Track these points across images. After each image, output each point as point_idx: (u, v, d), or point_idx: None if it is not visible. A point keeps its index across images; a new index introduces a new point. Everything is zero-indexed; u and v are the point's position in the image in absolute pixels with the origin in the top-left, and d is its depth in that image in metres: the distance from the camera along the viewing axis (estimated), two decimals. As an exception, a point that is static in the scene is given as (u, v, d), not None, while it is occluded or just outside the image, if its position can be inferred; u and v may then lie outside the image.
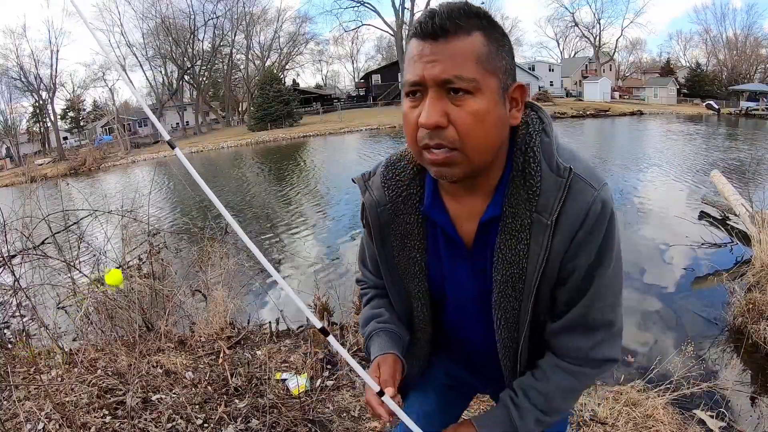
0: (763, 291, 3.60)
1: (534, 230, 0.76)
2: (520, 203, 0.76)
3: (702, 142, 16.88)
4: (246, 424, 2.25)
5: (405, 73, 0.73)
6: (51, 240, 3.79)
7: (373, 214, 0.88)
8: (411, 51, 0.71)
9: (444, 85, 0.68)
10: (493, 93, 0.70)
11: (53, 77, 39.63)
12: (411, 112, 0.72)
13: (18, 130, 41.70)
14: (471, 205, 0.81)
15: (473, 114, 0.69)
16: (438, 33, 0.68)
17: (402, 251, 0.88)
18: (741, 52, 44.20)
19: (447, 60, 0.68)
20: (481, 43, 0.69)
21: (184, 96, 45.77)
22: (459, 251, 0.85)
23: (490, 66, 0.70)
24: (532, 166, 0.75)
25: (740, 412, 2.64)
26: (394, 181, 0.86)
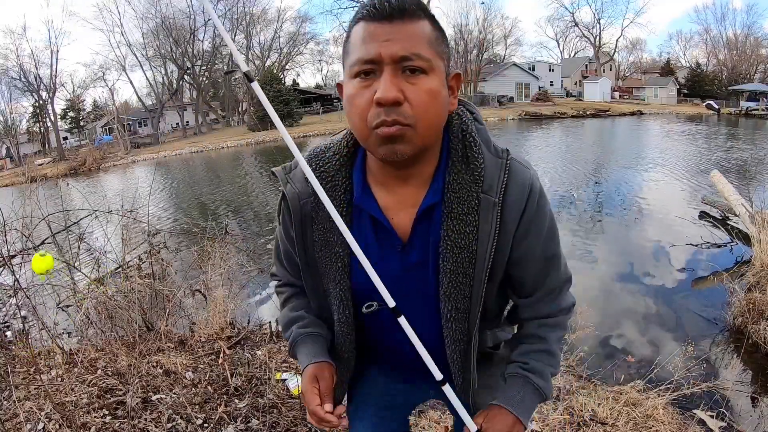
0: (763, 291, 3.60)
1: (482, 210, 0.77)
2: (464, 186, 0.78)
3: (702, 142, 16.88)
4: (246, 424, 2.25)
5: (353, 55, 0.72)
6: (51, 240, 3.79)
7: (294, 206, 0.85)
8: (361, 32, 0.71)
9: (400, 63, 0.69)
10: (441, 75, 0.73)
11: (53, 77, 39.64)
12: (361, 92, 0.71)
13: (18, 130, 41.70)
14: (404, 196, 0.81)
15: (427, 92, 0.70)
16: (395, 14, 0.69)
17: (324, 247, 0.85)
18: (741, 52, 44.20)
19: (404, 39, 0.69)
20: (429, 28, 0.72)
21: (184, 96, 45.76)
22: (392, 245, 0.82)
23: (439, 49, 0.73)
24: (474, 149, 0.78)
25: (740, 412, 2.64)
26: (318, 172, 0.83)
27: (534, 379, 0.87)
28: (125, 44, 43.00)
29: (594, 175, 11.35)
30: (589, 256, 5.80)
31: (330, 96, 52.31)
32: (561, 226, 7.21)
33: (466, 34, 42.92)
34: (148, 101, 45.93)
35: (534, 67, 45.71)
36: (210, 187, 15.04)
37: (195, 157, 28.36)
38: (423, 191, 0.80)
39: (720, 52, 46.11)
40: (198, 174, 19.89)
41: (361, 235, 0.83)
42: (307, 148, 0.92)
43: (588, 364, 3.05)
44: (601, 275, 5.19)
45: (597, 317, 3.90)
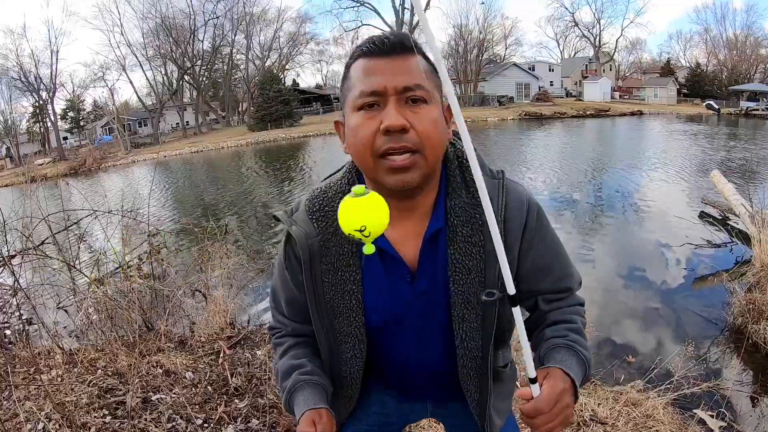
0: (763, 291, 3.60)
1: (486, 230, 0.79)
2: (466, 209, 0.82)
3: (702, 142, 16.88)
4: (246, 424, 2.26)
5: (356, 89, 0.75)
6: (51, 240, 3.79)
7: (302, 246, 0.85)
8: (362, 68, 0.76)
9: (404, 93, 0.74)
10: (439, 105, 0.78)
11: (53, 77, 39.63)
12: (367, 123, 0.74)
13: (18, 130, 41.69)
14: (408, 227, 0.84)
15: (430, 119, 0.75)
16: (394, 50, 0.74)
17: (335, 285, 0.86)
18: (741, 52, 44.20)
19: (406, 72, 0.74)
20: (425, 63, 0.77)
21: (184, 96, 45.74)
22: (402, 275, 0.85)
23: (434, 82, 0.77)
24: (471, 175, 0.81)
25: (740, 412, 2.64)
26: (323, 212, 0.85)
27: (579, 349, 0.84)
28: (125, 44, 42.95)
29: (594, 175, 11.35)
30: (590, 255, 5.80)
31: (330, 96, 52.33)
32: (561, 226, 7.23)
33: (466, 34, 42.91)
34: (148, 101, 45.95)
35: (534, 67, 45.70)
36: (210, 187, 15.04)
37: (195, 157, 28.36)
38: (426, 221, 0.83)
39: (720, 52, 46.12)
40: (198, 174, 19.89)
41: (371, 268, 0.85)
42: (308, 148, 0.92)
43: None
44: (601, 275, 5.19)
45: (597, 317, 3.90)
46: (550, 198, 9.25)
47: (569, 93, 46.16)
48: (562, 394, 0.73)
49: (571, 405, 0.74)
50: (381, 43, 0.75)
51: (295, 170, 16.89)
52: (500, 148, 18.31)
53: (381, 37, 0.76)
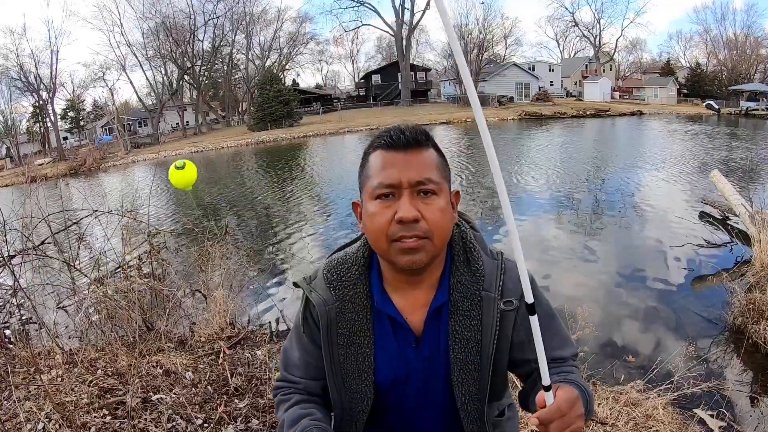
0: (763, 291, 3.60)
1: (484, 306, 0.90)
2: (467, 286, 0.91)
3: (702, 142, 16.88)
4: (246, 424, 2.26)
5: (375, 179, 0.84)
6: (51, 240, 3.79)
7: (321, 312, 0.93)
8: (380, 160, 0.85)
9: (417, 186, 0.83)
10: (447, 195, 0.87)
11: (53, 77, 39.59)
12: (383, 211, 0.83)
13: (18, 130, 41.67)
14: (416, 298, 0.92)
15: (439, 210, 0.84)
16: (410, 145, 0.84)
17: (349, 348, 0.94)
18: (741, 52, 44.17)
19: (419, 166, 0.83)
20: (435, 156, 0.87)
21: (184, 96, 45.71)
22: (409, 341, 0.93)
23: (444, 174, 0.87)
24: (474, 254, 0.92)
25: (740, 412, 2.65)
26: (340, 282, 0.94)
27: (581, 383, 0.89)
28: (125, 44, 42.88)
29: (594, 176, 11.35)
30: (590, 255, 5.80)
31: (330, 96, 52.34)
32: (562, 226, 7.23)
33: (466, 34, 42.87)
34: (148, 101, 45.91)
35: (534, 67, 45.69)
36: (210, 187, 15.03)
37: (195, 157, 28.31)
38: (432, 293, 0.92)
39: (720, 52, 46.08)
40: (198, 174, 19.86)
41: (382, 333, 0.94)
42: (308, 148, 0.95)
43: (588, 364, 3.05)
44: (601, 275, 5.19)
45: (597, 317, 3.90)
46: (551, 198, 9.26)
47: (569, 93, 46.16)
48: (576, 401, 0.75)
49: (583, 415, 0.75)
50: (398, 138, 0.83)
51: (295, 170, 16.89)
52: (501, 148, 18.31)
53: (398, 131, 0.84)
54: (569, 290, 4.77)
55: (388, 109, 40.91)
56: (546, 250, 6.13)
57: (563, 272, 5.32)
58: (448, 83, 46.38)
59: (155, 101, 44.25)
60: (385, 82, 48.19)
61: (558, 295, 4.63)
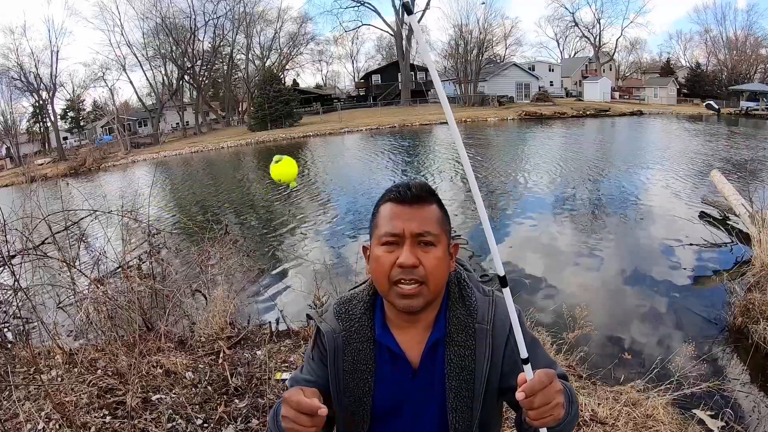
0: (763, 291, 3.60)
1: (478, 337, 1.00)
2: (462, 320, 1.01)
3: (702, 142, 16.88)
4: (246, 424, 2.26)
5: (382, 227, 0.96)
6: (51, 240, 3.79)
7: (329, 339, 1.05)
8: (389, 212, 0.97)
9: (417, 237, 0.94)
10: (445, 247, 0.97)
11: (53, 77, 39.57)
12: (387, 255, 0.94)
13: (18, 130, 41.64)
14: (414, 335, 1.02)
15: (436, 259, 0.94)
16: (415, 200, 0.96)
17: (353, 374, 1.04)
18: (741, 52, 44.16)
19: (420, 220, 0.95)
20: (438, 211, 0.98)
21: (184, 96, 45.69)
22: (407, 372, 1.03)
23: (444, 228, 0.98)
24: (467, 291, 1.03)
25: (740, 412, 2.64)
26: (347, 315, 1.06)
27: (566, 383, 0.95)
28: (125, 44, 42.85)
29: (595, 175, 11.35)
30: (590, 255, 5.80)
31: (330, 96, 52.32)
32: (561, 226, 7.22)
33: (467, 34, 42.88)
34: (148, 101, 45.89)
35: (534, 67, 45.67)
36: (210, 187, 15.03)
37: (195, 157, 28.35)
38: (428, 332, 1.02)
39: (720, 52, 46.07)
40: (198, 174, 19.88)
41: (382, 363, 1.04)
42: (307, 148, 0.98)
43: (588, 364, 3.05)
44: (601, 275, 5.19)
45: (597, 317, 3.90)
46: (551, 198, 9.26)
47: (569, 93, 46.15)
48: (553, 376, 0.81)
49: (562, 391, 0.82)
50: (405, 194, 0.96)
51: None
52: (501, 148, 18.31)
53: (406, 187, 0.97)
54: (569, 290, 4.77)
55: (388, 109, 40.88)
56: (546, 249, 6.13)
57: (563, 272, 5.32)
58: (448, 83, 46.37)
59: (155, 101, 44.22)
60: (385, 82, 48.17)
61: (558, 294, 4.63)
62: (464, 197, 9.48)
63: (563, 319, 3.31)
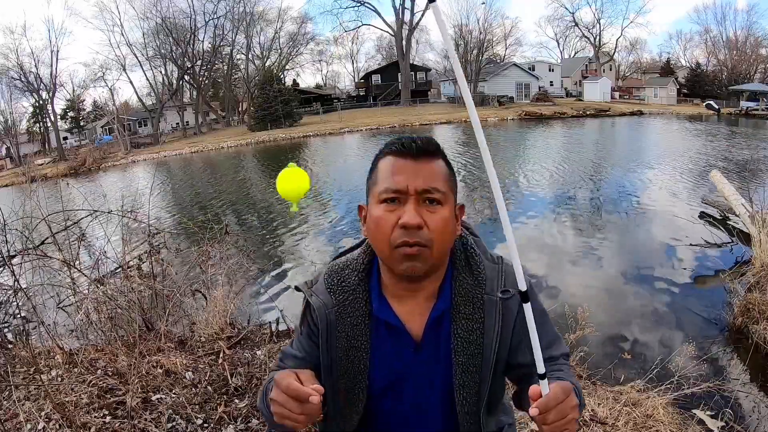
0: (763, 291, 3.60)
1: (487, 308, 0.92)
2: (469, 290, 0.93)
3: (702, 142, 16.88)
4: (246, 424, 2.26)
5: (382, 183, 0.86)
6: (51, 240, 3.79)
7: (321, 315, 0.95)
8: (389, 166, 0.86)
9: (423, 195, 0.84)
10: (452, 207, 0.89)
11: (53, 77, 39.58)
12: (387, 216, 0.85)
13: (18, 130, 41.64)
14: (415, 306, 0.94)
15: (443, 219, 0.85)
16: (421, 153, 0.86)
17: (347, 351, 0.95)
18: (741, 52, 44.16)
19: (427, 175, 0.85)
20: (445, 167, 0.89)
21: (184, 96, 45.69)
22: (407, 344, 0.94)
23: (451, 186, 0.89)
24: (475, 260, 0.94)
25: (740, 412, 2.64)
26: (340, 287, 0.96)
27: (572, 381, 0.88)
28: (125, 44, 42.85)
29: (595, 175, 11.35)
30: (590, 255, 5.80)
31: (330, 96, 52.29)
32: (561, 226, 7.23)
33: (467, 34, 42.88)
34: (148, 101, 45.88)
35: (534, 67, 45.66)
36: (210, 187, 15.03)
37: (195, 157, 28.35)
38: (431, 302, 0.93)
39: (720, 52, 46.07)
40: (198, 174, 19.88)
41: (378, 339, 0.95)
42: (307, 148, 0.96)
43: (588, 364, 3.05)
44: (601, 275, 5.19)
45: (597, 317, 3.90)
46: (552, 198, 9.26)
47: (569, 93, 46.14)
48: (570, 391, 0.75)
49: (578, 406, 0.76)
50: (409, 146, 0.85)
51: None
52: (501, 148, 18.31)
53: (410, 139, 0.86)
54: (569, 289, 4.76)
55: (388, 109, 40.87)
56: (546, 249, 6.13)
57: (563, 271, 5.32)
58: (448, 83, 46.38)
59: (155, 101, 44.22)
60: (385, 82, 48.16)
61: (558, 294, 4.63)
62: (466, 197, 9.48)
63: (564, 320, 3.30)
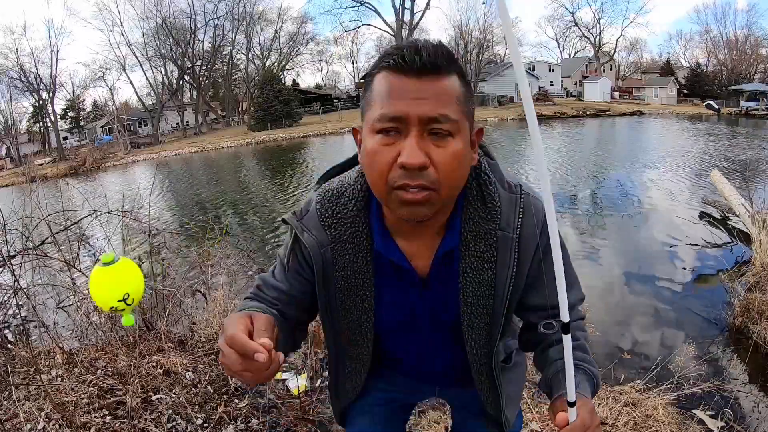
0: (763, 291, 3.60)
1: (500, 246, 0.80)
2: (481, 225, 0.80)
3: (702, 142, 16.88)
4: (246, 424, 2.26)
5: (377, 108, 0.68)
6: (51, 240, 3.79)
7: (315, 254, 0.83)
8: (386, 85, 0.68)
9: (428, 125, 0.67)
10: (467, 135, 0.72)
11: (53, 77, 39.61)
12: (383, 150, 0.68)
13: (18, 130, 41.65)
14: (421, 242, 0.82)
15: (453, 155, 0.69)
16: (427, 70, 0.66)
17: (348, 290, 0.85)
18: (741, 52, 44.18)
19: (434, 98, 0.66)
20: (459, 84, 0.70)
21: (184, 96, 45.71)
22: (413, 282, 0.85)
23: (466, 108, 0.71)
24: (489, 189, 0.79)
25: (740, 412, 2.64)
26: (335, 219, 0.82)
27: (588, 367, 0.85)
28: (125, 44, 42.91)
29: (594, 175, 11.35)
30: (589, 255, 5.80)
31: (330, 96, 52.28)
32: (562, 225, 7.22)
33: (467, 34, 42.88)
34: (148, 101, 45.89)
35: (534, 67, 45.68)
36: (210, 187, 15.03)
37: (195, 157, 28.35)
38: (439, 237, 0.82)
39: (720, 52, 46.10)
40: (198, 174, 19.88)
41: (383, 277, 0.85)
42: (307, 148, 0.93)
43: (588, 364, 3.05)
44: (601, 275, 5.18)
45: (597, 317, 3.90)
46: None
47: (569, 93, 46.17)
48: (594, 414, 0.74)
49: (600, 423, 0.76)
50: (411, 60, 0.66)
51: (296, 170, 16.89)
52: (501, 147, 18.30)
53: (412, 49, 0.66)
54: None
55: (388, 109, 40.81)
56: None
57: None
58: (448, 83, 46.32)
59: (155, 101, 44.23)
60: (385, 82, 48.08)
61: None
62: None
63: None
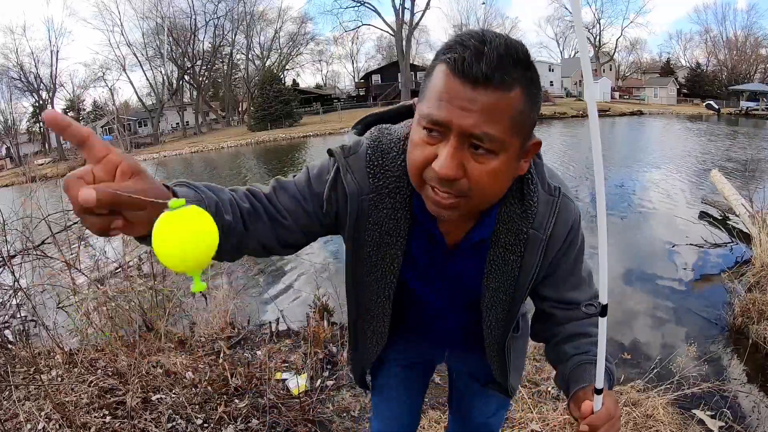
0: (763, 291, 3.60)
1: (530, 245, 0.82)
2: (515, 220, 0.81)
3: (702, 142, 16.88)
4: (246, 424, 2.26)
5: (428, 103, 0.66)
6: (51, 240, 3.79)
7: (352, 201, 0.80)
8: (441, 83, 0.64)
9: (469, 138, 0.64)
10: (515, 152, 0.69)
11: (53, 77, 39.65)
12: (424, 146, 0.68)
13: (18, 130, 41.66)
14: (453, 224, 0.83)
15: (490, 173, 0.67)
16: (482, 81, 0.62)
17: (379, 247, 0.84)
18: (741, 52, 44.19)
19: (482, 113, 0.63)
20: (519, 101, 0.65)
21: (184, 96, 45.74)
22: (442, 255, 0.87)
23: (520, 126, 0.67)
24: (531, 188, 0.80)
25: (740, 412, 2.64)
26: (383, 169, 0.79)
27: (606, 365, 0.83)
28: (125, 44, 42.96)
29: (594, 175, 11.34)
30: (589, 255, 5.79)
31: (330, 96, 52.32)
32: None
33: (466, 34, 42.82)
34: (148, 101, 45.93)
35: (534, 67, 45.65)
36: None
37: (195, 157, 28.35)
38: (473, 221, 0.83)
39: (720, 52, 46.12)
40: (198, 174, 19.87)
41: (415, 241, 0.86)
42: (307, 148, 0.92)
43: (588, 364, 3.05)
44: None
45: (597, 317, 3.90)
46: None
47: (569, 93, 46.17)
48: (618, 405, 0.77)
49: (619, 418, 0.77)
50: (470, 65, 0.61)
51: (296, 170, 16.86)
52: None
53: (477, 54, 0.61)
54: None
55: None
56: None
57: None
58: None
59: (155, 101, 44.26)
60: (385, 82, 48.17)
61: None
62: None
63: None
